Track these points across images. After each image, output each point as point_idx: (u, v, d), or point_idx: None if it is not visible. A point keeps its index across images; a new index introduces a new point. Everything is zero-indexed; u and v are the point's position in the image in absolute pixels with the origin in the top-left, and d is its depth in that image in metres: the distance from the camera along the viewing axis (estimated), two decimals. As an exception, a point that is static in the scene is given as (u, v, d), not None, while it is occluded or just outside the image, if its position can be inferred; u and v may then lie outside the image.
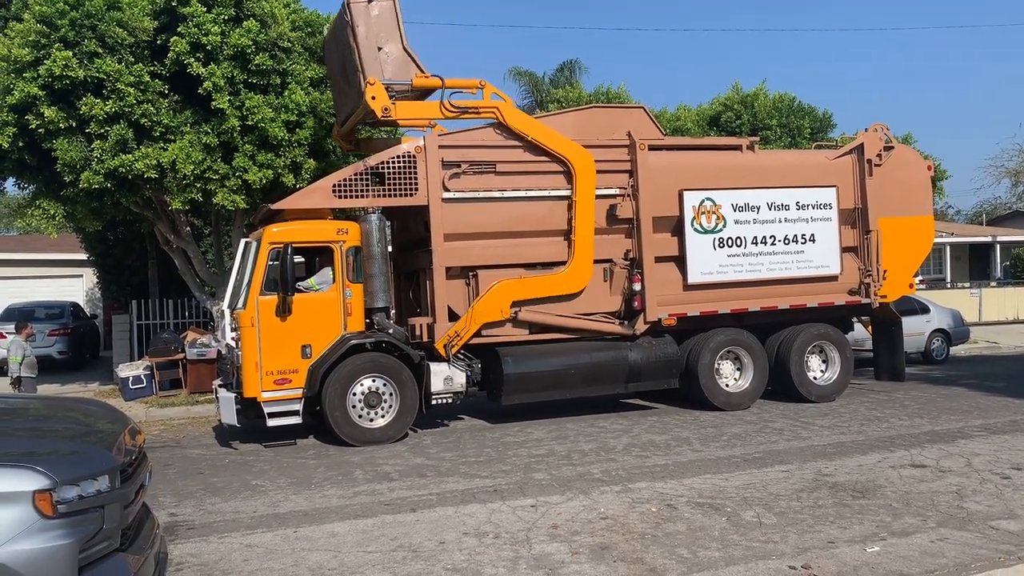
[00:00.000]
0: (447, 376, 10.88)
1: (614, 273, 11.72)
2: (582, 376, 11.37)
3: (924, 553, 5.79)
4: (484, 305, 10.96)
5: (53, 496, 3.71)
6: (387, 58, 10.81)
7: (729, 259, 11.97)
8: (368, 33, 10.69)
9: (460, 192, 11.04)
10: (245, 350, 10.22)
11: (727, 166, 12.31)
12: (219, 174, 13.01)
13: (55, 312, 21.15)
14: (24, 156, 13.16)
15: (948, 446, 9.13)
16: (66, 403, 6.07)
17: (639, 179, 11.65)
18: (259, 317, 10.21)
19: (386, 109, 10.57)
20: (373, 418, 10.52)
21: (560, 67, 34.57)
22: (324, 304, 10.50)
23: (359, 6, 10.68)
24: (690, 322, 11.96)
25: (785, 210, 12.22)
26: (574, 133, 11.64)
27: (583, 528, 6.58)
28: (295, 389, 10.29)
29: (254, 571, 5.88)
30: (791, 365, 12.31)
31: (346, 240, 10.61)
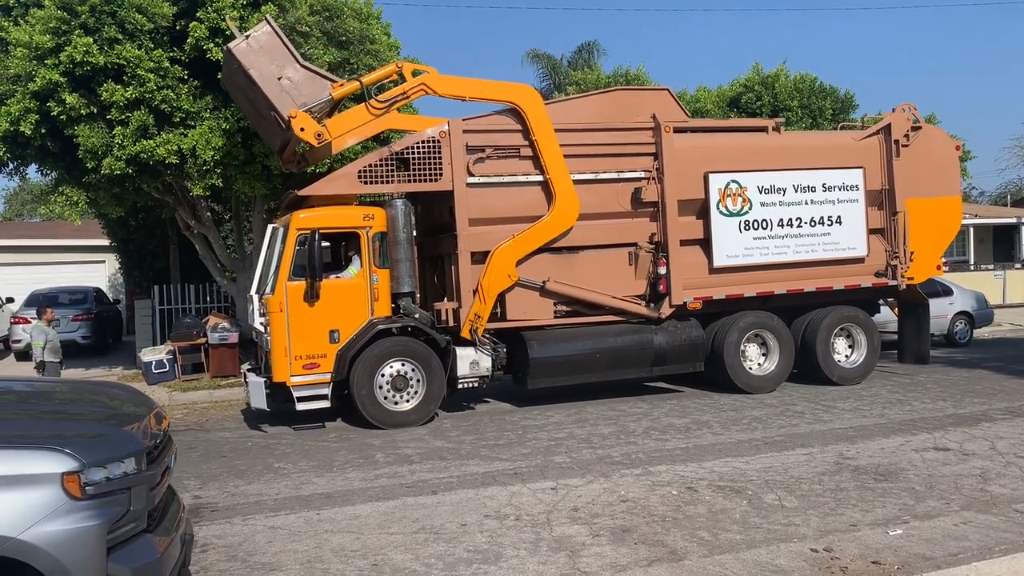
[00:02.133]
0: (473, 360, 10.93)
1: (639, 256, 11.65)
2: (607, 360, 11.37)
3: (947, 536, 5.76)
4: (490, 278, 10.90)
5: (81, 478, 3.76)
6: (292, 84, 10.58)
7: (755, 242, 11.89)
8: (263, 71, 10.46)
9: (485, 177, 11.04)
10: (274, 335, 10.31)
11: (752, 148, 12.20)
12: (239, 160, 13.08)
13: (78, 297, 21.37)
14: (46, 143, 13.29)
15: (972, 429, 9.06)
16: (92, 387, 6.14)
17: (664, 162, 11.58)
18: (288, 302, 10.29)
19: (319, 134, 10.43)
20: (400, 401, 10.58)
21: (578, 49, 34.40)
22: (351, 289, 10.59)
23: (241, 48, 10.47)
24: (715, 305, 11.90)
25: (811, 192, 12.11)
26: (598, 116, 11.59)
27: (604, 511, 6.60)
28: (324, 373, 10.38)
29: (278, 553, 5.95)
30: (817, 347, 12.23)
31: (372, 226, 10.66)
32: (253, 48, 10.45)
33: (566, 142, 11.28)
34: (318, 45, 13.43)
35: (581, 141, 11.41)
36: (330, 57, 13.49)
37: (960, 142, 13.31)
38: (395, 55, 14.47)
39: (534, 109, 11.18)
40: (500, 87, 11.30)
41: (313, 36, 13.37)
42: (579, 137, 11.41)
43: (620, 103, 11.90)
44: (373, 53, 13.96)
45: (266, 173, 13.35)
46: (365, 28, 14.01)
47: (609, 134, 11.54)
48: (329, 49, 13.58)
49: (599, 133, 11.53)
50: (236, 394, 13.75)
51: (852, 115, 25.37)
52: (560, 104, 12.20)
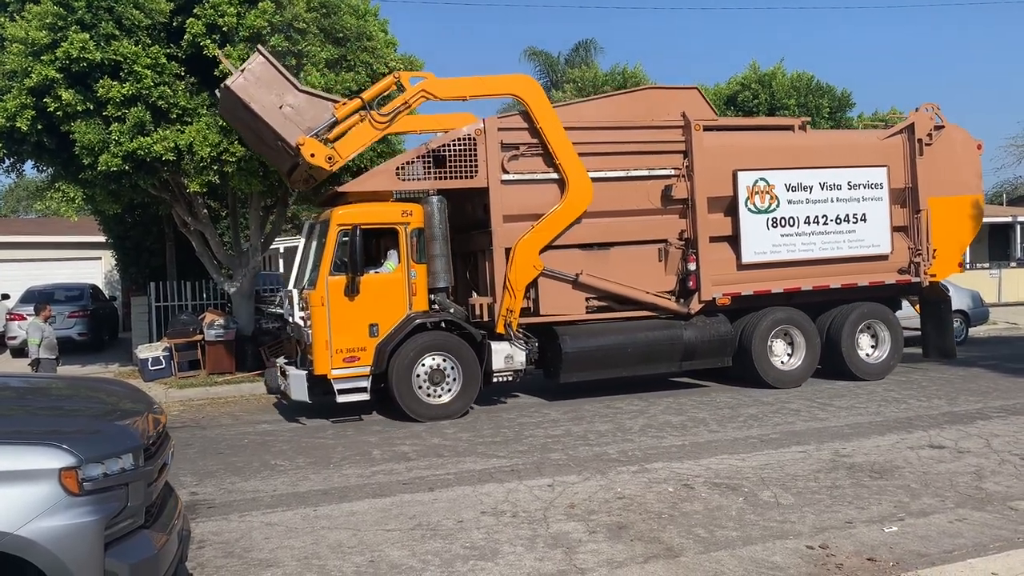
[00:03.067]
0: (508, 354, 11.11)
1: (669, 253, 11.82)
2: (638, 354, 11.51)
3: (942, 533, 5.79)
4: (516, 270, 11.02)
5: (79, 474, 3.76)
6: (294, 111, 10.63)
7: (782, 239, 12.07)
8: (263, 103, 10.50)
9: (518, 174, 11.20)
10: (315, 329, 10.48)
11: (780, 146, 12.39)
12: (236, 157, 13.05)
13: (74, 294, 21.34)
14: (42, 139, 13.25)
15: (967, 427, 9.09)
16: (89, 383, 6.14)
17: (694, 159, 11.74)
18: (329, 297, 10.46)
19: (330, 158, 10.53)
20: (438, 394, 10.80)
21: (576, 47, 34.41)
22: (391, 284, 10.78)
23: (239, 84, 10.48)
24: (743, 301, 12.10)
25: (837, 190, 12.28)
26: (629, 114, 11.78)
27: (600, 507, 6.61)
28: (363, 366, 10.57)
29: (275, 549, 5.96)
30: (842, 344, 12.41)
31: (410, 222, 10.85)
32: (250, 82, 10.47)
33: (598, 139, 11.49)
34: (315, 42, 13.40)
35: (613, 139, 11.59)
36: (327, 54, 13.46)
37: (981, 141, 13.47)
38: (392, 52, 14.44)
39: (534, 97, 11.28)
40: (497, 81, 11.44)
41: (310, 32, 13.34)
42: (611, 135, 11.59)
43: (650, 101, 12.08)
44: (370, 50, 13.94)
45: (263, 170, 13.33)
46: (362, 25, 13.98)
47: (640, 132, 11.71)
48: (326, 46, 13.56)
49: (630, 131, 11.68)
50: (232, 391, 13.76)
51: (849, 114, 25.41)
52: (592, 102, 12.43)
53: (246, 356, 15.04)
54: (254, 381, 14.11)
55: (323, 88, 13.08)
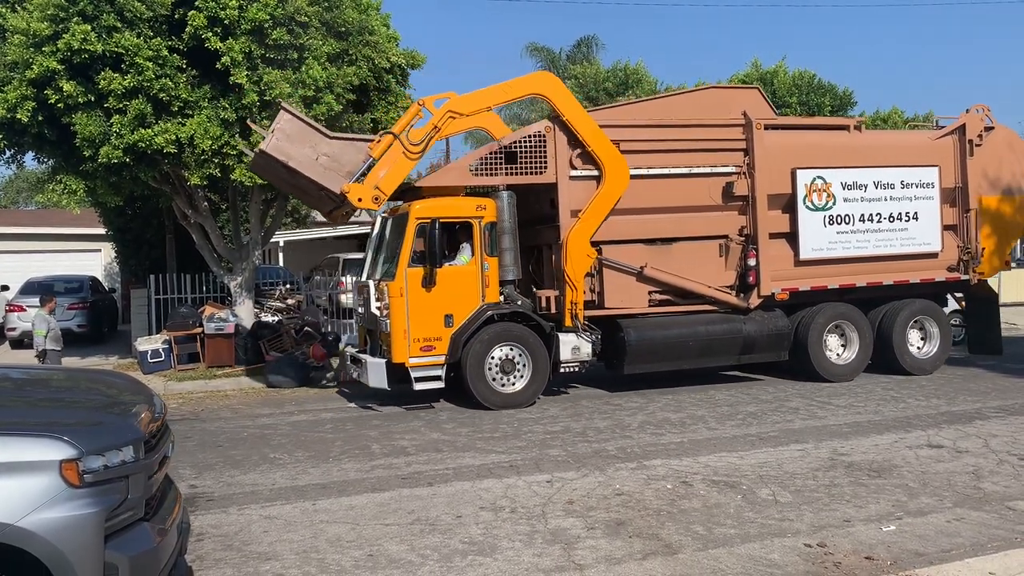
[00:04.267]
0: (575, 346, 11.33)
1: (730, 248, 12.07)
2: (699, 347, 11.78)
3: (940, 533, 5.80)
4: (572, 263, 11.24)
5: (79, 466, 3.76)
6: (331, 159, 10.89)
7: (838, 236, 12.33)
8: (300, 158, 10.72)
9: (587, 170, 11.44)
10: (394, 318, 10.78)
11: (836, 145, 12.66)
12: (237, 150, 13.04)
13: (74, 286, 21.34)
14: (43, 130, 13.25)
15: (965, 427, 9.10)
16: (89, 374, 6.14)
17: (755, 157, 11.99)
18: (407, 288, 10.76)
19: (376, 198, 10.82)
20: (509, 383, 11.08)
21: (577, 43, 34.37)
22: (465, 276, 11.08)
23: (272, 145, 10.64)
24: (799, 296, 12.37)
25: (890, 188, 12.53)
26: (692, 112, 12.08)
27: (599, 504, 6.62)
28: (438, 355, 10.90)
29: (274, 542, 5.96)
30: (894, 339, 12.66)
31: (484, 216, 11.16)
32: (283, 141, 10.67)
33: (663, 136, 11.77)
34: (316, 35, 13.39)
35: (677, 136, 11.85)
36: (329, 47, 13.46)
37: None
38: (394, 46, 14.44)
39: (556, 92, 11.52)
40: (519, 84, 11.68)
41: (312, 26, 13.32)
42: (675, 132, 11.85)
43: (711, 100, 12.45)
44: (372, 44, 13.93)
45: (264, 163, 13.31)
46: (364, 19, 13.97)
47: (703, 130, 11.97)
48: (328, 40, 13.55)
49: (694, 129, 11.95)
50: (232, 384, 13.76)
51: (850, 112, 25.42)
52: (657, 101, 12.90)
53: (246, 349, 15.04)
54: (253, 375, 14.12)
55: (324, 82, 13.10)
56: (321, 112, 13.14)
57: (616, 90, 27.22)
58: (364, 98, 14.18)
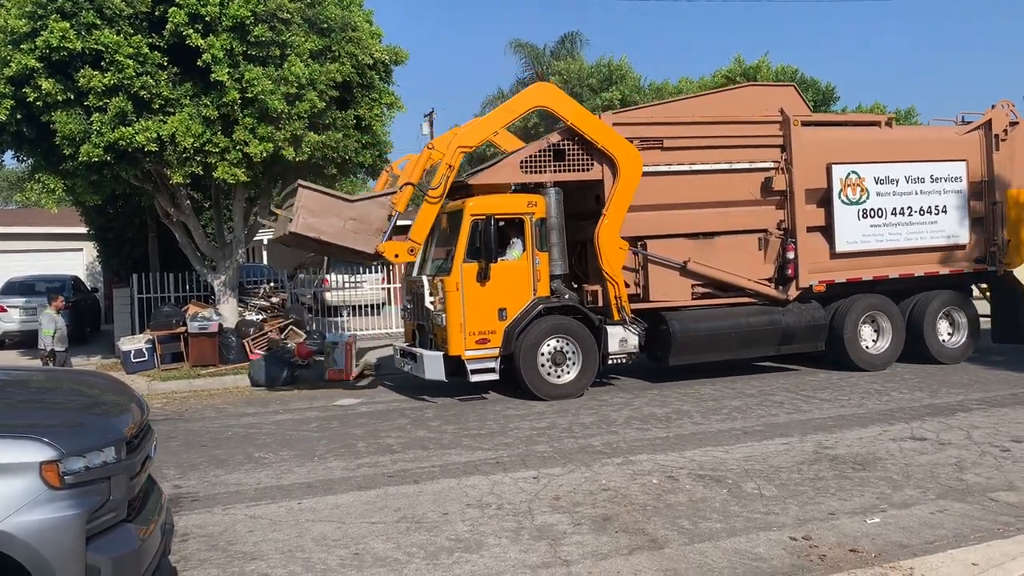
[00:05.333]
0: (622, 338, 11.65)
1: (769, 242, 12.41)
2: (740, 338, 12.11)
3: (924, 524, 5.83)
4: (607, 258, 11.50)
5: (60, 467, 3.73)
6: (357, 222, 11.04)
7: (871, 229, 12.69)
8: (329, 230, 10.92)
9: None
10: (450, 312, 11.06)
11: (869, 141, 13.01)
12: (219, 147, 12.95)
13: (56, 286, 21.05)
14: (22, 129, 13.12)
15: (948, 419, 9.17)
16: (70, 375, 6.10)
17: (792, 153, 12.29)
18: (463, 283, 11.04)
19: (412, 249, 11.19)
20: (559, 375, 11.35)
21: (561, 39, 34.37)
22: (518, 271, 11.39)
23: (300, 224, 10.78)
24: (835, 288, 12.70)
25: (920, 183, 12.90)
26: (728, 110, 12.39)
27: (585, 499, 6.63)
28: (493, 348, 11.18)
29: (259, 542, 5.93)
30: (925, 329, 13.01)
31: (535, 212, 11.44)
32: (309, 219, 10.82)
33: (703, 134, 12.08)
34: (299, 32, 13.31)
35: (716, 133, 12.15)
36: (311, 44, 13.37)
37: None
38: (377, 43, 14.36)
39: (555, 100, 11.75)
40: (520, 101, 11.88)
41: (294, 23, 13.24)
42: (715, 130, 12.15)
43: (747, 98, 12.82)
44: (355, 40, 13.85)
45: (246, 160, 13.22)
46: (347, 15, 13.89)
47: (742, 127, 12.29)
48: (310, 36, 13.46)
49: (733, 126, 12.25)
50: (216, 383, 13.68)
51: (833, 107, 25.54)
52: (696, 99, 13.11)
53: (230, 348, 14.95)
54: (237, 373, 14.04)
55: (307, 79, 13.02)
56: (304, 109, 13.07)
57: (600, 86, 27.26)
58: (347, 95, 14.11)
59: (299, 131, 13.24)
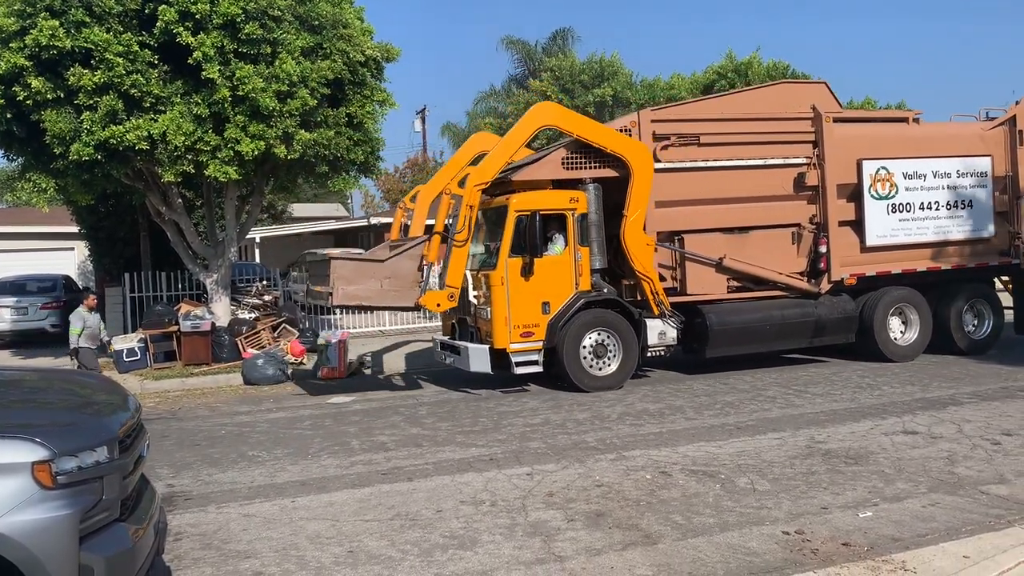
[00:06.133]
0: (661, 331, 11.94)
1: (802, 236, 12.72)
2: (775, 331, 12.38)
3: (916, 518, 5.87)
4: (638, 259, 11.70)
5: (52, 467, 3.72)
6: (394, 280, 11.19)
7: (900, 223, 12.98)
8: (368, 293, 11.16)
9: (669, 162, 12.03)
10: (495, 306, 11.30)
11: (897, 137, 13.28)
12: (210, 145, 12.90)
13: (47, 285, 21.03)
14: (12, 127, 13.05)
15: (939, 413, 9.21)
16: (62, 375, 6.08)
17: (824, 149, 12.61)
18: (508, 277, 11.27)
19: (451, 295, 11.16)
20: (601, 367, 11.61)
21: (553, 35, 34.40)
22: (561, 265, 11.60)
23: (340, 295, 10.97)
24: (865, 281, 12.99)
25: (947, 178, 13.21)
26: (762, 107, 12.66)
27: (578, 496, 6.64)
28: (536, 341, 11.41)
29: (253, 540, 5.93)
30: (951, 321, 13.36)
31: (577, 208, 11.66)
32: (347, 286, 11.02)
33: (737, 130, 12.39)
34: (290, 29, 13.26)
35: (750, 129, 12.46)
36: (303, 41, 13.32)
37: None
38: (368, 40, 14.31)
39: (558, 117, 11.88)
40: (526, 124, 11.86)
41: (285, 20, 13.19)
42: (748, 126, 12.46)
43: (782, 95, 13.03)
44: (346, 38, 13.81)
45: (238, 158, 13.18)
46: (338, 12, 13.85)
47: (775, 123, 12.59)
48: (302, 33, 13.41)
49: (766, 122, 12.55)
50: (209, 382, 13.66)
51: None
52: (729, 96, 13.32)
53: (223, 347, 14.92)
54: (231, 372, 14.02)
55: (298, 77, 12.98)
56: (295, 107, 13.02)
57: (592, 82, 27.25)
58: (339, 92, 14.06)
59: (291, 129, 13.19)
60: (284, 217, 34.78)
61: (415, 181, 46.36)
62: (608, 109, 26.93)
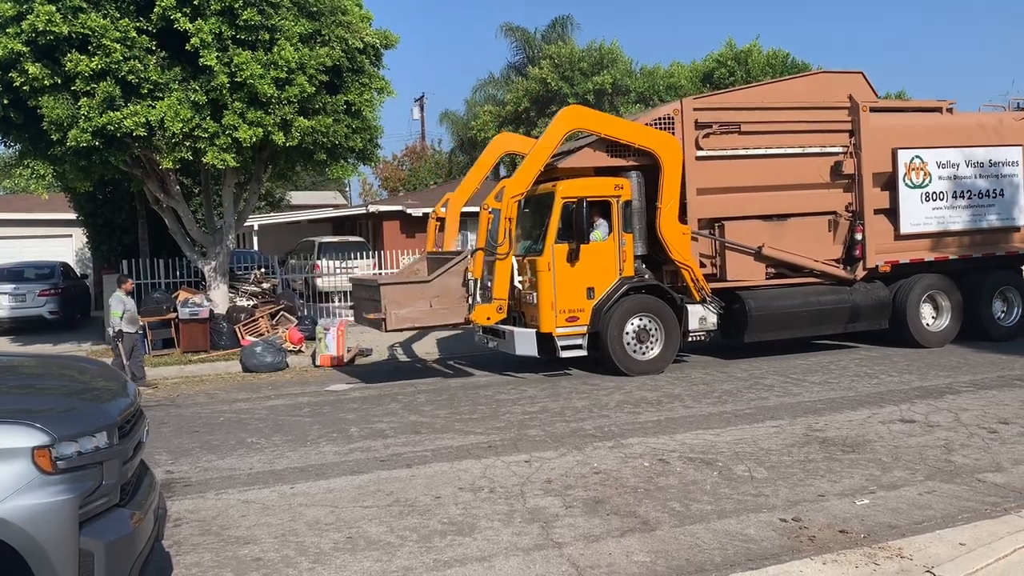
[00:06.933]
0: (702, 316, 12.19)
1: (838, 224, 12.95)
2: (812, 317, 12.65)
3: (912, 505, 5.89)
4: (675, 249, 11.90)
5: (52, 452, 3.72)
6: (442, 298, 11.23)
7: (933, 211, 13.27)
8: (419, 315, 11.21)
9: (711, 150, 12.26)
10: (541, 291, 11.50)
11: (931, 126, 13.50)
12: (208, 132, 12.86)
13: (45, 272, 21.00)
14: (9, 114, 13.00)
15: (937, 401, 9.24)
16: (61, 361, 6.07)
17: (861, 138, 12.82)
18: (554, 263, 11.43)
19: (500, 308, 11.33)
20: (644, 352, 11.81)
21: (552, 23, 34.23)
22: (605, 251, 11.74)
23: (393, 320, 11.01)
24: (899, 269, 13.24)
25: (979, 167, 13.51)
26: (800, 96, 12.83)
27: (577, 483, 6.66)
28: (581, 326, 11.61)
29: (252, 526, 5.95)
30: (981, 308, 13.58)
31: (621, 195, 11.81)
32: (399, 310, 11.04)
33: (778, 119, 12.58)
34: (288, 16, 13.19)
35: (788, 118, 12.64)
36: (301, 28, 13.26)
37: None
38: (367, 26, 14.25)
39: (584, 119, 11.97)
40: (554, 131, 11.73)
41: (283, 7, 13.12)
42: (788, 115, 12.65)
43: (821, 85, 13.18)
44: (345, 24, 13.75)
45: (236, 145, 13.14)
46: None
47: (812, 112, 12.77)
48: (300, 20, 13.34)
49: (804, 111, 12.73)
50: (207, 369, 13.67)
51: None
52: (768, 86, 13.56)
53: (221, 334, 14.92)
54: (229, 359, 14.03)
55: (296, 64, 12.92)
56: (294, 94, 12.98)
57: (591, 70, 27.17)
58: (337, 79, 14.01)
59: (289, 116, 13.15)
60: (282, 205, 34.74)
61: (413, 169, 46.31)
62: (607, 97, 26.85)
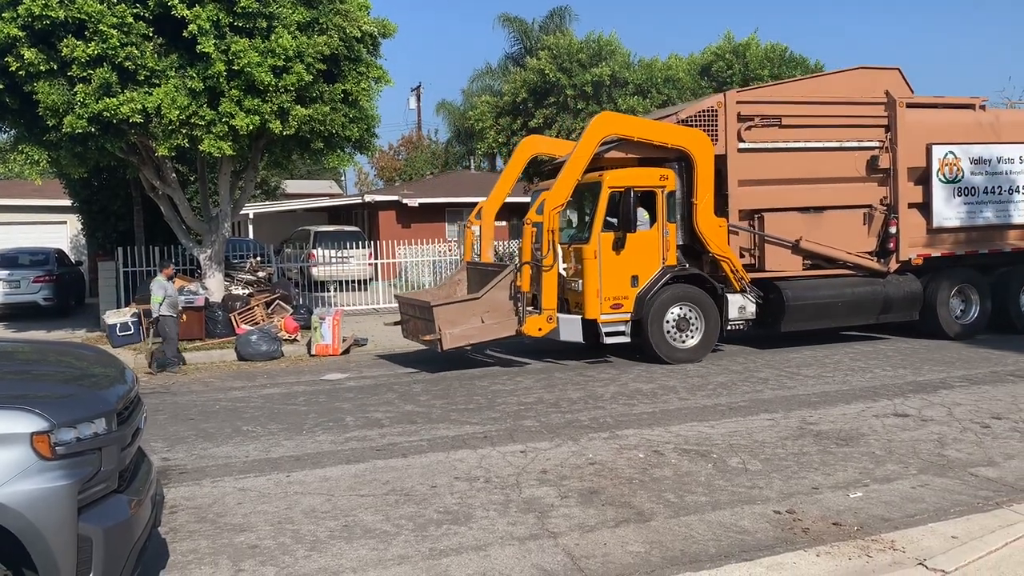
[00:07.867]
0: (741, 305, 12.39)
1: (873, 217, 13.19)
2: (846, 307, 12.94)
3: (905, 499, 5.93)
4: (713, 243, 12.15)
5: (51, 438, 3.73)
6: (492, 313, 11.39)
7: (965, 206, 13.53)
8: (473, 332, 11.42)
9: (752, 143, 12.53)
10: (587, 279, 11.73)
11: (964, 123, 13.74)
12: (205, 120, 12.80)
13: (39, 259, 20.95)
14: (4, 99, 12.94)
15: (930, 396, 9.29)
16: (58, 347, 6.07)
17: (897, 133, 13.06)
18: (600, 251, 11.67)
19: (550, 318, 11.51)
20: (684, 340, 12.05)
21: (550, 13, 34.16)
22: (650, 241, 11.97)
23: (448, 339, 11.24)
24: (931, 262, 13.47)
25: (1011, 163, 13.75)
26: (838, 91, 13.07)
27: (572, 473, 6.69)
28: (625, 313, 11.85)
29: (248, 514, 5.96)
30: (1009, 301, 13.86)
31: (666, 185, 12.04)
32: (452, 329, 11.24)
33: (817, 113, 12.84)
34: (286, 3, 13.12)
35: (826, 113, 12.89)
36: (299, 16, 13.18)
37: None
38: (365, 15, 14.18)
39: (617, 125, 12.20)
40: (588, 140, 11.73)
41: (281, -6, 13.06)
42: (827, 109, 12.89)
43: (858, 80, 13.33)
44: (343, 12, 13.68)
45: (233, 133, 13.09)
46: (335, -14, 13.71)
47: (850, 107, 13.00)
48: (298, 8, 13.27)
49: (842, 106, 12.97)
50: (203, 357, 13.65)
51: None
52: (809, 80, 14.04)
53: (216, 323, 14.91)
54: (224, 348, 14.02)
55: (294, 52, 12.87)
56: (291, 82, 12.92)
57: (589, 61, 27.10)
58: (335, 68, 13.95)
59: (286, 104, 13.10)
60: (277, 194, 34.66)
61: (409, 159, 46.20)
62: (606, 89, 26.82)
